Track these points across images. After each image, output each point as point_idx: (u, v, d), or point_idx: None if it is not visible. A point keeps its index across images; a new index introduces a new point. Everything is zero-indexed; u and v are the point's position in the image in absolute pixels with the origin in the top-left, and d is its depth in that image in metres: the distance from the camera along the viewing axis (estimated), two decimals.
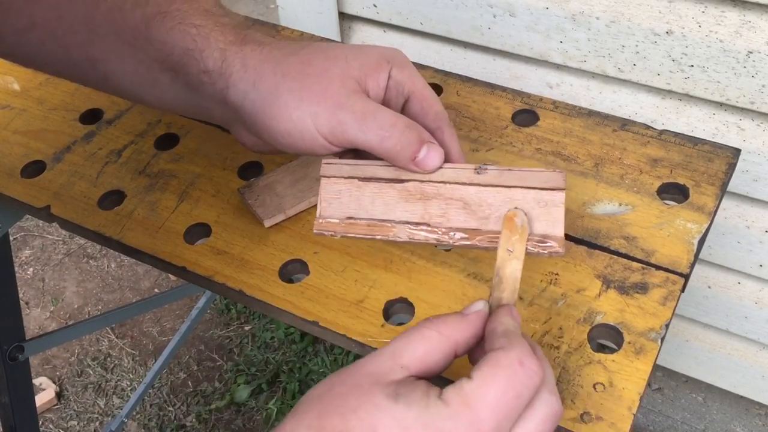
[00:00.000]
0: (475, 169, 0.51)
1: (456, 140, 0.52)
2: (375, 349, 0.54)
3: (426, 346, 0.42)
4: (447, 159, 0.51)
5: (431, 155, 0.49)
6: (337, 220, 0.51)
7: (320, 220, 0.52)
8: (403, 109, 0.53)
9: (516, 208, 0.50)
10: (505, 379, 0.39)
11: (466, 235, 0.50)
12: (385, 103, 0.52)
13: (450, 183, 0.50)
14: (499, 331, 0.43)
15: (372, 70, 0.50)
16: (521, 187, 0.50)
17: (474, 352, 0.45)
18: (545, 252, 0.49)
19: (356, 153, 0.53)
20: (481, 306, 0.45)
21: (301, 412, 0.40)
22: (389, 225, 0.51)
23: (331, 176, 0.52)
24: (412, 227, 0.50)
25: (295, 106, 0.48)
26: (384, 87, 0.51)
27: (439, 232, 0.50)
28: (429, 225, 0.50)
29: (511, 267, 0.47)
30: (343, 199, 0.52)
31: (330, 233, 0.51)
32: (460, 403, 0.38)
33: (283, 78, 0.49)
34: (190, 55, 0.50)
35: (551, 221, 0.50)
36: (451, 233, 0.50)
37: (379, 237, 0.51)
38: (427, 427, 0.38)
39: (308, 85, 0.49)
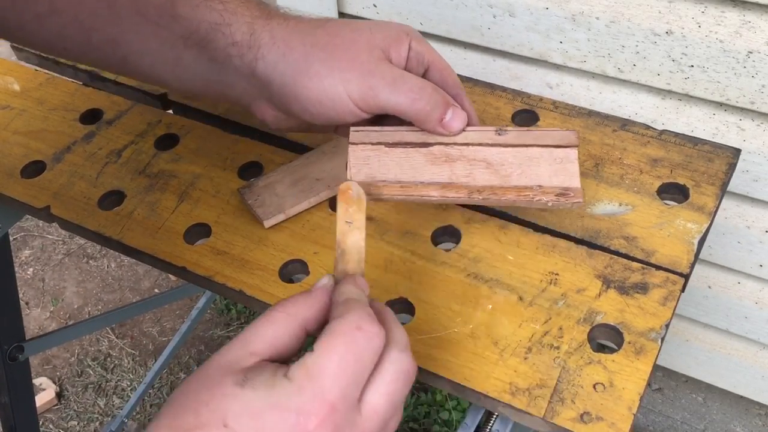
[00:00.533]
0: (496, 130, 0.55)
1: (472, 106, 0.56)
2: None
3: (274, 329, 0.41)
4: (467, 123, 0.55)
5: (456, 117, 0.52)
6: (369, 182, 0.53)
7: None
8: (424, 78, 0.55)
9: (349, 180, 0.52)
10: (343, 345, 0.39)
11: (494, 193, 0.53)
12: (408, 71, 0.54)
13: (473, 145, 0.54)
14: (340, 300, 0.43)
15: (394, 41, 0.53)
16: (538, 145, 0.54)
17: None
18: (569, 203, 0.53)
19: (381, 123, 0.56)
20: (325, 281, 0.45)
21: (160, 416, 0.39)
22: (420, 185, 0.52)
23: (359, 143, 0.54)
24: (441, 188, 0.52)
25: (327, 74, 0.50)
26: (405, 57, 0.54)
27: (467, 192, 0.52)
28: (457, 184, 0.53)
29: (352, 238, 0.48)
30: (372, 165, 0.54)
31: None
32: (303, 377, 0.38)
33: (313, 48, 0.51)
34: (217, 30, 0.52)
35: (568, 175, 0.54)
36: (478, 192, 0.53)
37: (413, 197, 0.52)
38: (275, 406, 0.37)
39: (338, 55, 0.51)
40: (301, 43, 0.51)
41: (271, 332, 0.41)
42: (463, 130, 0.54)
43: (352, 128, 0.55)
